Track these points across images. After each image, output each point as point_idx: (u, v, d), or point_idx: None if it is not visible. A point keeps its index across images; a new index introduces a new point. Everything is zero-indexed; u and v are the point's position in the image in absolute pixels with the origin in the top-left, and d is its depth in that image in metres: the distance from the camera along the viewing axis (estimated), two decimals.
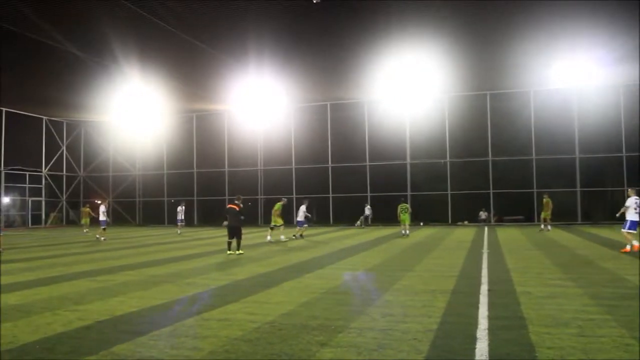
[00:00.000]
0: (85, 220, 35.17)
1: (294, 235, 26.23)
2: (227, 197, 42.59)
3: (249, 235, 29.69)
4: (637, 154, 34.37)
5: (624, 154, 34.79)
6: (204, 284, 11.69)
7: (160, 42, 24.87)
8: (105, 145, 47.67)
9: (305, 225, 26.86)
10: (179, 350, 6.43)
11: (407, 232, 26.59)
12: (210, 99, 38.24)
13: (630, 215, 16.76)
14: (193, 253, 19.42)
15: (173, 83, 32.89)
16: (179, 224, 33.68)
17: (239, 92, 34.63)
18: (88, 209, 35.76)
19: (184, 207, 34.50)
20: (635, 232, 16.73)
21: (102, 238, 27.01)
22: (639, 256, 15.54)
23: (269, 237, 24.27)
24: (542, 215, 29.00)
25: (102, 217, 28.06)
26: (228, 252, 18.38)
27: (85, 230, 33.94)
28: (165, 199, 45.06)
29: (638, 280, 11.04)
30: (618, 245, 19.04)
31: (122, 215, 46.50)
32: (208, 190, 43.86)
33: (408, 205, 27.44)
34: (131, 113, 39.48)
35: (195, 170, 44.59)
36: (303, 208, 26.59)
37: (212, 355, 6.22)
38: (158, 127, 43.84)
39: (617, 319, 7.61)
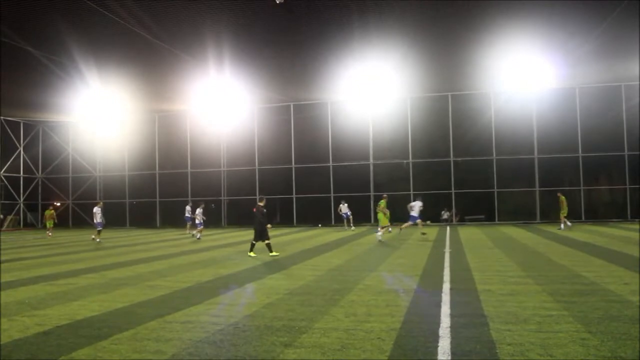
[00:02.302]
0: (49, 223, 34.31)
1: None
2: (190, 198, 42.21)
3: (213, 236, 29.50)
4: (594, 154, 35.33)
5: (580, 154, 35.70)
6: (167, 286, 11.56)
7: (119, 40, 24.47)
8: (64, 146, 46.70)
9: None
10: (141, 354, 6.35)
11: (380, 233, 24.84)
12: (172, 99, 37.82)
13: None
14: (155, 255, 19.18)
15: (134, 83, 32.42)
16: (199, 227, 31.67)
17: (201, 92, 34.33)
18: (52, 212, 35.03)
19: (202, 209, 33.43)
20: None
21: (98, 239, 26.63)
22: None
23: (380, 236, 23.18)
24: (560, 214, 28.79)
25: (97, 219, 27.44)
26: (249, 253, 17.74)
27: (49, 234, 33.19)
28: (127, 200, 44.41)
29: (593, 277, 11.34)
30: (573, 243, 19.54)
31: (81, 218, 45.59)
32: (171, 192, 43.33)
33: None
34: (91, 113, 38.75)
35: (157, 171, 44.03)
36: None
37: (175, 358, 6.16)
38: (120, 128, 43.20)
39: (574, 315, 7.83)
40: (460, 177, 37.47)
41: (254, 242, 17.81)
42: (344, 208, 33.51)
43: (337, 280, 11.92)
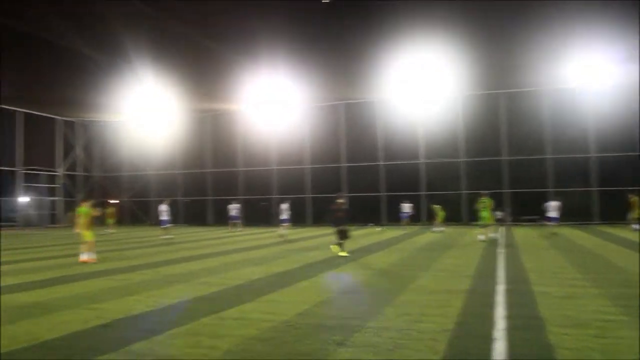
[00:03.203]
0: (110, 221, 34.63)
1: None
2: (241, 197, 42.78)
3: (262, 235, 29.75)
4: None
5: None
6: (220, 283, 11.71)
7: (173, 41, 24.96)
8: (119, 145, 47.90)
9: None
10: (196, 349, 6.45)
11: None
12: (224, 98, 38.31)
13: None
14: (207, 253, 19.47)
15: (187, 83, 33.00)
16: (234, 221, 33.42)
17: (252, 91, 34.66)
18: (113, 209, 35.44)
19: (237, 205, 34.52)
20: None
21: (167, 236, 26.38)
22: None
23: (482, 237, 22.41)
24: (633, 215, 27.74)
25: (164, 217, 27.44)
26: (340, 253, 17.14)
27: (110, 231, 33.24)
28: (179, 198, 45.24)
29: None
30: (634, 245, 18.87)
31: (136, 215, 46.74)
32: (221, 190, 43.91)
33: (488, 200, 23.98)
34: (145, 113, 39.63)
35: (208, 169, 44.72)
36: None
37: (228, 354, 6.23)
38: (172, 127, 44.04)
39: (636, 321, 7.51)
40: (514, 176, 36.63)
41: (341, 241, 17.26)
42: (407, 207, 33.22)
43: (390, 280, 11.84)
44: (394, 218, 36.21)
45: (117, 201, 46.03)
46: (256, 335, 7.02)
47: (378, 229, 33.36)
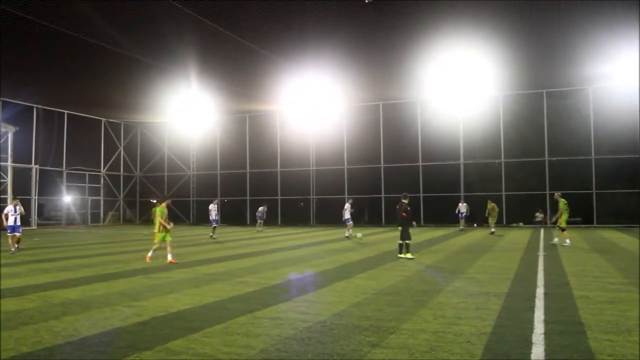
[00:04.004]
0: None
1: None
2: (279, 197, 43.05)
3: (299, 235, 29.84)
4: None
5: None
6: (256, 282, 11.79)
7: (214, 44, 25.24)
8: (160, 146, 48.76)
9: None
10: (232, 347, 6.51)
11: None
12: (263, 99, 38.59)
13: None
14: (245, 252, 19.63)
15: (227, 84, 33.36)
16: (259, 220, 34.55)
17: (291, 92, 34.84)
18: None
19: (265, 207, 35.23)
20: None
21: (214, 236, 27.03)
22: None
23: (564, 240, 20.92)
24: None
25: (213, 217, 27.79)
26: (400, 255, 16.65)
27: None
28: (219, 198, 45.74)
29: None
30: None
31: (176, 214, 47.45)
32: (260, 190, 44.24)
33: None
34: (185, 114, 40.21)
35: (248, 170, 45.12)
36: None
37: (263, 353, 6.27)
38: (212, 128, 44.61)
39: None
40: (556, 177, 35.89)
41: (401, 242, 16.74)
42: (463, 207, 32.89)
43: (426, 282, 11.74)
44: (433, 219, 35.91)
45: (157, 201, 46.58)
46: (292, 335, 7.04)
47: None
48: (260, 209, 34.98)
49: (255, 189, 44.88)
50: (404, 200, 17.06)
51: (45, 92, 36.12)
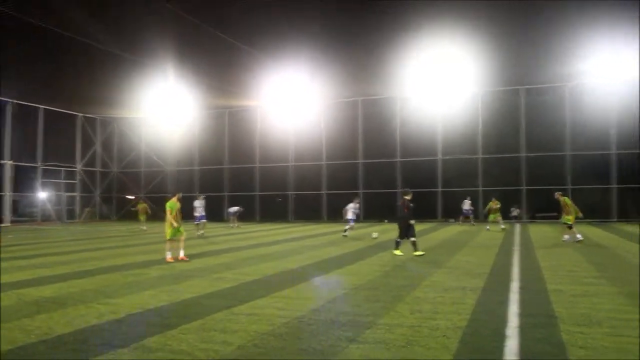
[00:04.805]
0: (142, 217, 33.98)
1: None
2: (257, 193, 42.94)
3: (278, 230, 29.82)
4: None
5: None
6: (234, 278, 11.77)
7: (193, 38, 25.08)
8: (137, 142, 48.27)
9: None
10: (209, 344, 6.50)
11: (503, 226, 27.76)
12: (243, 95, 38.44)
13: None
14: (223, 248, 19.57)
15: (205, 79, 33.18)
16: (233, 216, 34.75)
17: (271, 88, 34.78)
18: (145, 205, 35.19)
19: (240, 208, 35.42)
20: None
21: (200, 232, 26.30)
22: None
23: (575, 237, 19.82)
24: None
25: (198, 213, 26.69)
26: (394, 251, 16.23)
27: (143, 228, 32.28)
28: (197, 194, 45.40)
29: None
30: None
31: (153, 210, 47.03)
32: (239, 186, 44.08)
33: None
34: (163, 109, 39.89)
35: (226, 166, 44.90)
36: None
37: (241, 349, 6.27)
38: (190, 123, 44.26)
39: None
40: (531, 173, 36.33)
41: (398, 240, 16.28)
42: (467, 204, 33.07)
43: (403, 277, 11.83)
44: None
45: (135, 197, 46.21)
46: (269, 331, 7.05)
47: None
48: (234, 209, 34.92)
49: (233, 185, 44.67)
50: (405, 197, 16.28)
51: (20, 87, 35.56)
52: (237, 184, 44.46)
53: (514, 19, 23.05)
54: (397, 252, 16.10)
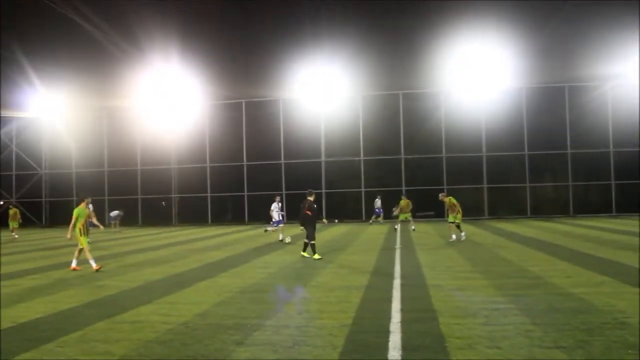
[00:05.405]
0: (13, 224, 30.77)
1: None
2: (140, 196, 41.54)
3: (162, 235, 29.05)
4: (540, 152, 36.37)
5: (526, 152, 36.65)
6: (116, 286, 11.34)
7: (64, 35, 23.92)
8: (7, 143, 45.00)
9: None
10: (90, 355, 6.23)
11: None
12: (121, 95, 37.03)
13: None
14: (104, 255, 18.77)
15: (80, 78, 31.69)
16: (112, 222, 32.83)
17: (150, 88, 33.85)
18: (16, 211, 32.28)
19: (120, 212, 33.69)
20: None
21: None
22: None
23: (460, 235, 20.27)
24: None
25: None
26: (303, 253, 15.95)
27: (14, 235, 29.69)
28: (74, 198, 43.19)
29: (538, 271, 11.68)
30: (520, 238, 20.09)
31: (25, 216, 44.13)
32: (120, 189, 42.32)
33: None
34: (37, 109, 37.64)
35: (106, 169, 43.04)
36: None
37: (124, 358, 6.07)
38: (67, 124, 41.79)
39: (520, 308, 8.07)
40: (411, 174, 37.88)
41: (307, 240, 15.80)
42: (378, 203, 33.34)
43: (290, 278, 11.93)
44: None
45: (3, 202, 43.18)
46: (154, 339, 6.87)
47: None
48: (115, 213, 33.69)
49: (114, 188, 42.82)
50: (309, 198, 15.88)
51: None
52: (118, 187, 42.62)
53: (395, 24, 23.90)
54: (305, 254, 15.86)
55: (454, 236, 20.00)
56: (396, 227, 27.99)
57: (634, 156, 35.13)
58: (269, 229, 23.18)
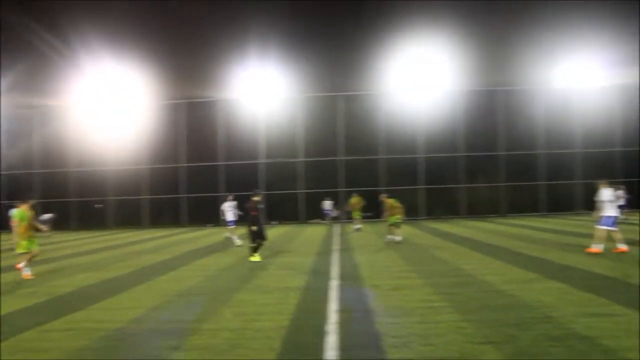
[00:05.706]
0: None
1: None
2: (72, 199, 40.24)
3: (93, 239, 28.31)
4: (474, 154, 37.46)
5: (462, 153, 37.69)
6: (47, 292, 10.97)
7: None
8: None
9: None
10: None
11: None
12: (50, 94, 35.85)
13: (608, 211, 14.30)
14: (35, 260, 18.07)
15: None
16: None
17: (80, 87, 32.92)
18: None
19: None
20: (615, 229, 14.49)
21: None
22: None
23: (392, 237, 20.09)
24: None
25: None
26: (251, 257, 15.40)
27: None
28: (3, 202, 41.45)
29: (471, 269, 12.02)
30: (454, 238, 20.62)
31: None
32: (52, 192, 40.82)
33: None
34: None
35: (36, 170, 41.48)
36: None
37: None
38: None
39: (454, 305, 8.29)
40: (350, 175, 38.24)
41: (259, 241, 15.51)
42: (327, 205, 33.24)
43: (227, 280, 11.85)
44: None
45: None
46: (86, 346, 6.69)
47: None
48: (47, 216, 32.57)
49: (45, 191, 41.24)
50: (254, 198, 15.59)
51: None
52: (49, 189, 41.08)
53: (329, 25, 24.10)
54: (255, 258, 15.37)
55: (394, 237, 20.10)
56: (358, 227, 28.18)
57: (563, 157, 36.88)
58: (229, 235, 22.26)
